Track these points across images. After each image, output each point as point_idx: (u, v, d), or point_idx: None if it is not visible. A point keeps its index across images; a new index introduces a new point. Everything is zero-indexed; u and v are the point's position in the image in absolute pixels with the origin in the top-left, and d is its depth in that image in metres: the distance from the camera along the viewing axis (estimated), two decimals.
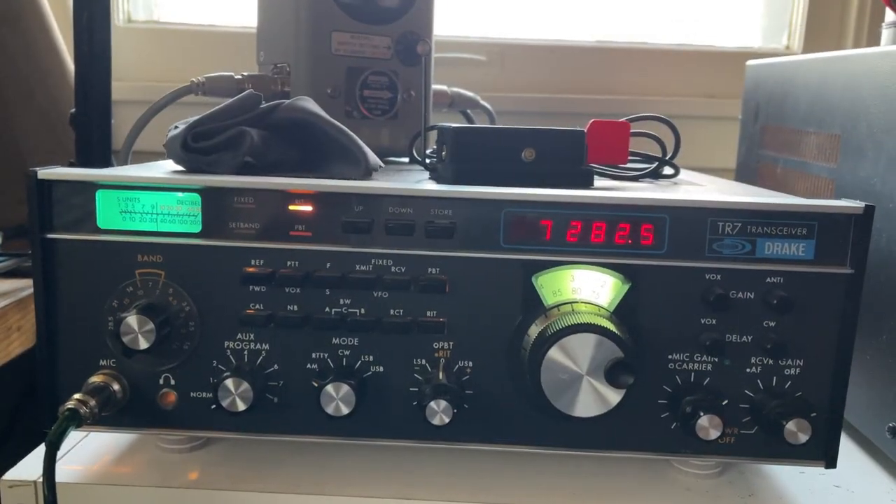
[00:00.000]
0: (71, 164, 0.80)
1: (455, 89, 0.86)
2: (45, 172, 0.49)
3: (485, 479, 0.53)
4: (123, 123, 0.88)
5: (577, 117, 0.62)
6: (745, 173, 0.86)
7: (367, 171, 0.56)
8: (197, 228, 0.50)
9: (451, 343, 0.51)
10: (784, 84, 0.77)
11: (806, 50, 1.19)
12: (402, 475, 0.53)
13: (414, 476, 0.53)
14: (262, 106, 0.57)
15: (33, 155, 1.00)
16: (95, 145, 0.80)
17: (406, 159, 0.77)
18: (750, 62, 0.87)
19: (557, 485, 0.53)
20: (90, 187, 0.49)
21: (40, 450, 0.55)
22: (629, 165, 0.64)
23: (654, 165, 0.64)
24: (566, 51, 1.18)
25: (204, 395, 0.51)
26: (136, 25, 1.17)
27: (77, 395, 0.48)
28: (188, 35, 1.16)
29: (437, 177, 0.58)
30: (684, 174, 0.69)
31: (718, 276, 0.49)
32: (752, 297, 0.49)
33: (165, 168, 0.56)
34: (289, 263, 0.50)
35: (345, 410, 0.48)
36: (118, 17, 1.16)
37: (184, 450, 0.55)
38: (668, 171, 0.67)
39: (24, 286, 0.79)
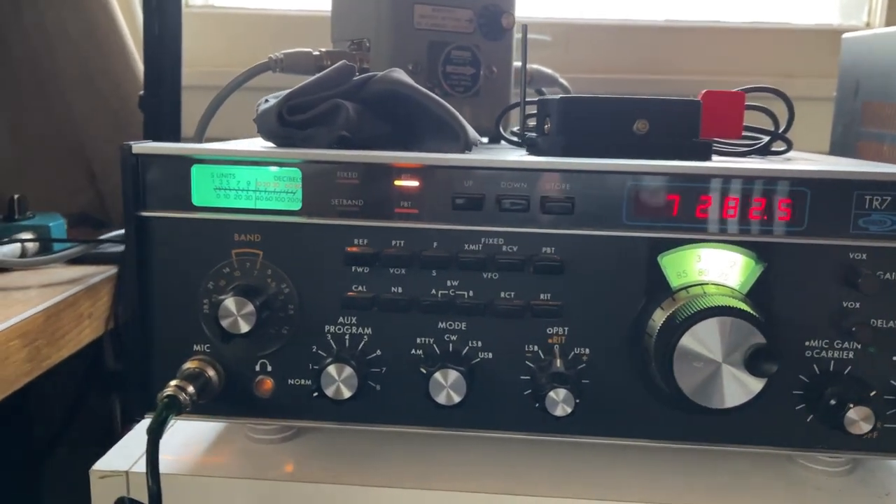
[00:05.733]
0: None
1: (534, 66, 0.82)
2: (139, 147, 0.46)
3: (596, 474, 0.50)
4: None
5: None
6: (842, 152, 0.81)
7: (467, 146, 0.53)
8: (297, 206, 0.47)
9: (566, 329, 0.47)
10: (891, 56, 0.72)
11: (889, 25, 1.13)
12: (509, 469, 0.50)
13: (521, 469, 0.50)
14: (354, 78, 0.54)
15: (93, 142, 0.98)
16: (165, 129, 0.78)
17: (485, 139, 0.73)
18: (846, 35, 0.82)
19: (675, 481, 0.49)
20: (185, 162, 0.46)
21: (128, 439, 0.52)
22: (733, 141, 0.60)
23: (765, 140, 0.60)
24: (633, 30, 1.13)
25: (302, 382, 0.48)
26: (192, 10, 1.15)
27: (174, 381, 0.45)
28: (244, 19, 1.14)
29: (536, 152, 0.54)
30: (794, 152, 0.64)
31: (864, 256, 0.45)
32: None
33: (255, 145, 0.53)
34: (394, 243, 0.47)
35: (456, 399, 0.45)
36: None
37: (275, 440, 0.52)
38: (776, 147, 0.62)
39: (93, 272, 0.77)
